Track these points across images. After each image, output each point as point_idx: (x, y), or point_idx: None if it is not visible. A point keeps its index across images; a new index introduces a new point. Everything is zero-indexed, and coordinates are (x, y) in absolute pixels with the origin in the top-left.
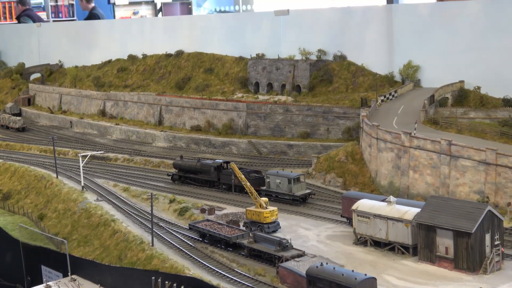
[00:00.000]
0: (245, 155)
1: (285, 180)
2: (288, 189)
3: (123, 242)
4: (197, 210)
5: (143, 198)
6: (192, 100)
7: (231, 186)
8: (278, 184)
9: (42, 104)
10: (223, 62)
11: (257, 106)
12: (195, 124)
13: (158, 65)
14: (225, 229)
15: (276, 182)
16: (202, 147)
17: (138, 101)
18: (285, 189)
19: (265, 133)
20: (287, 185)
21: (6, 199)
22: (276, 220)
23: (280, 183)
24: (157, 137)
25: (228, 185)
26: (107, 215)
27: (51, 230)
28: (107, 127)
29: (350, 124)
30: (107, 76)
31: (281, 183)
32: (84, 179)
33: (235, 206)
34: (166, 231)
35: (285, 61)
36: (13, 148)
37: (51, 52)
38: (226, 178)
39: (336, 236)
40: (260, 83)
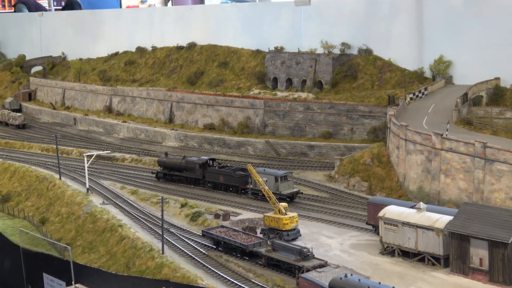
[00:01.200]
0: (262, 156)
1: (272, 178)
2: (275, 187)
3: (131, 249)
4: (210, 216)
5: (153, 201)
6: (205, 96)
7: (216, 184)
8: (265, 182)
9: (44, 100)
10: (238, 56)
11: (276, 103)
12: (208, 122)
13: (169, 58)
14: (241, 236)
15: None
16: (216, 147)
17: (147, 97)
18: (271, 187)
19: (284, 132)
20: (274, 183)
21: (5, 201)
22: (296, 227)
23: (267, 182)
24: (167, 136)
25: (213, 183)
26: (114, 220)
27: (54, 235)
28: (113, 124)
29: (376, 123)
30: (113, 69)
31: (268, 181)
32: (89, 180)
33: (252, 212)
34: (177, 238)
35: (305, 55)
36: (13, 146)
37: (54, 43)
38: (212, 175)
39: (361, 245)
40: (278, 79)
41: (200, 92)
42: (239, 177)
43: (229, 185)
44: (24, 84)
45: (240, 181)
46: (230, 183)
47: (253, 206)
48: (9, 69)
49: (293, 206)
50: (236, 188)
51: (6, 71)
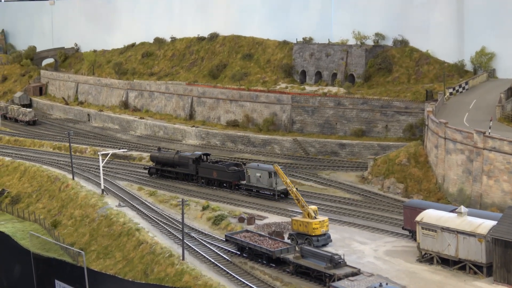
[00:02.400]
0: (290, 155)
1: (266, 173)
2: (268, 183)
3: (149, 254)
4: (234, 219)
5: (172, 204)
6: (228, 91)
7: (209, 180)
8: (258, 178)
9: (55, 94)
10: (264, 47)
11: (304, 98)
12: (231, 119)
13: (189, 50)
14: (267, 242)
15: (256, 175)
16: (240, 146)
17: (165, 92)
18: (265, 183)
19: (313, 130)
20: (268, 179)
21: (15, 203)
22: (326, 232)
23: (261, 177)
24: (187, 133)
25: (206, 179)
26: (131, 223)
27: (66, 239)
28: (130, 121)
29: (412, 120)
30: (130, 62)
31: (262, 177)
32: (104, 181)
33: (279, 215)
34: (198, 243)
35: (336, 47)
36: (23, 144)
37: (66, 34)
38: (205, 171)
39: (396, 252)
40: (307, 72)
41: (223, 87)
42: (232, 173)
43: (222, 180)
44: (35, 78)
45: (234, 177)
46: (223, 178)
47: (280, 209)
48: (19, 62)
49: (323, 210)
50: (229, 184)
51: (16, 63)
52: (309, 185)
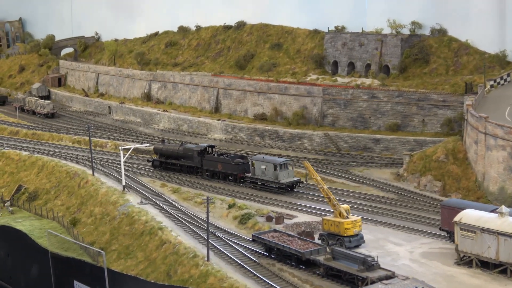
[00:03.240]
0: (320, 151)
1: (271, 166)
2: (273, 176)
3: (173, 255)
4: (262, 218)
5: (197, 201)
6: (255, 82)
7: (214, 173)
8: (263, 170)
9: (75, 85)
10: (294, 36)
11: (336, 91)
12: (259, 112)
13: (215, 39)
14: (297, 242)
15: (261, 168)
16: (268, 140)
17: (190, 83)
18: (270, 176)
19: (345, 124)
20: (273, 171)
21: (32, 199)
22: (359, 233)
23: (266, 170)
24: (213, 127)
25: (211, 171)
26: (153, 222)
27: (86, 238)
28: (153, 114)
29: (451, 114)
30: (153, 52)
31: (267, 170)
32: (125, 177)
33: (309, 214)
34: (224, 243)
35: (370, 36)
36: (41, 138)
37: (86, 22)
38: (210, 164)
39: (433, 254)
40: (339, 63)
41: (250, 78)
42: (237, 165)
43: (227, 173)
44: (53, 68)
45: (239, 169)
46: (228, 171)
47: (310, 208)
48: (37, 51)
49: (355, 209)
50: (234, 176)
51: (33, 53)
52: (340, 182)
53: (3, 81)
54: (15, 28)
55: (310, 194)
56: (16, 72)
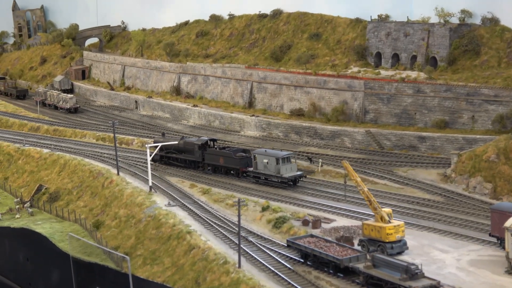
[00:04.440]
0: (362, 149)
1: (273, 159)
2: (276, 170)
3: (202, 261)
4: (297, 222)
5: (228, 203)
6: (292, 75)
7: (216, 167)
8: (266, 164)
9: (99, 78)
10: (333, 26)
11: (379, 84)
12: (296, 108)
13: (249, 28)
14: (335, 249)
15: (264, 162)
16: (305, 138)
17: (222, 76)
18: (272, 170)
19: (389, 120)
20: (275, 165)
21: (53, 200)
22: (402, 238)
23: (268, 163)
24: (246, 123)
25: (213, 166)
26: (181, 225)
27: (110, 242)
28: (182, 109)
29: (503, 110)
30: (183, 42)
31: (269, 163)
32: (152, 177)
33: (348, 218)
34: (257, 249)
35: (416, 25)
36: (63, 134)
37: (112, 10)
38: (212, 158)
39: (482, 262)
40: (382, 54)
41: (287, 71)
42: (239, 159)
43: (229, 167)
44: (77, 60)
45: (241, 163)
46: (230, 165)
47: (349, 212)
48: (59, 42)
49: (398, 212)
50: (236, 171)
51: (56, 43)
52: (383, 183)
53: (24, 74)
54: (37, 16)
55: (349, 196)
56: (38, 64)
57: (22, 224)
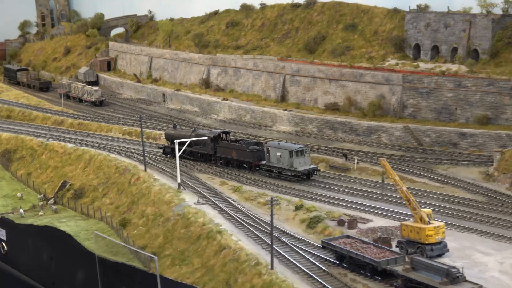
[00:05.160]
0: (400, 146)
1: (286, 152)
2: (289, 163)
3: (233, 262)
4: (332, 222)
5: (260, 202)
6: (327, 68)
7: (229, 160)
8: (279, 157)
9: (126, 70)
10: (370, 16)
11: (418, 78)
12: (330, 102)
13: (281, 19)
14: (372, 250)
15: (277, 155)
16: (340, 134)
17: (253, 69)
18: (286, 163)
19: (428, 116)
20: (288, 158)
21: (78, 197)
22: (442, 240)
23: (281, 157)
24: (278, 117)
25: (225, 159)
26: (211, 225)
27: (137, 241)
28: (211, 102)
29: None
30: (212, 33)
31: (282, 156)
32: (181, 173)
33: (386, 218)
34: (290, 249)
35: (457, 16)
36: (88, 128)
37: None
38: (224, 150)
39: None
40: (421, 46)
41: (321, 63)
42: (252, 152)
43: (242, 161)
44: (102, 51)
45: (254, 157)
46: (243, 158)
47: (387, 211)
48: (84, 32)
49: (438, 213)
50: (249, 164)
51: (80, 33)
52: (422, 182)
53: (47, 65)
54: (61, 5)
55: (387, 195)
56: (61, 54)
57: (45, 221)
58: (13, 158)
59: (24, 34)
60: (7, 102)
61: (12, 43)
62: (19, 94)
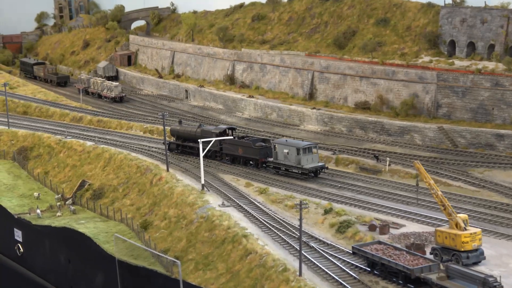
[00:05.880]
0: (433, 147)
1: (293, 150)
2: (296, 160)
3: (259, 267)
4: (363, 226)
5: (287, 205)
6: (357, 64)
7: (235, 157)
8: (286, 154)
9: (147, 64)
10: (403, 10)
11: (453, 76)
12: (361, 100)
13: (310, 12)
14: (405, 257)
15: (284, 152)
16: (371, 134)
17: (280, 65)
18: (293, 160)
19: (463, 116)
20: (295, 156)
21: (97, 198)
22: (479, 247)
23: (288, 154)
24: (306, 116)
25: (232, 156)
26: (237, 228)
27: (159, 244)
28: (236, 100)
29: None
30: (237, 27)
31: (289, 154)
32: (205, 174)
33: (419, 223)
34: (319, 255)
35: (495, 11)
36: (108, 126)
37: None
38: (230, 147)
39: None
40: (457, 42)
41: (351, 59)
42: (259, 149)
43: (248, 158)
44: (122, 44)
45: (260, 154)
46: (249, 155)
47: (420, 216)
48: (103, 24)
49: (475, 219)
50: (256, 161)
51: (100, 26)
52: (457, 186)
53: (65, 59)
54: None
55: (420, 199)
56: (80, 48)
57: (63, 223)
58: (30, 156)
59: (41, 26)
60: (23, 98)
61: (28, 36)
62: (36, 89)
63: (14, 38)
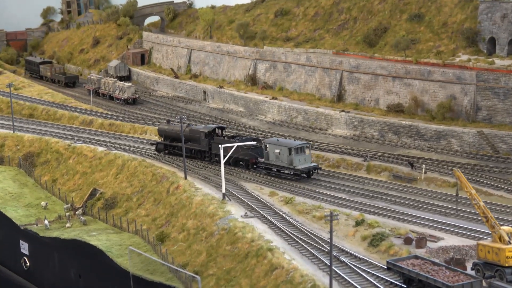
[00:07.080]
0: (472, 153)
1: (285, 150)
2: (288, 161)
3: (286, 284)
4: (398, 240)
5: (315, 215)
6: (389, 64)
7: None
8: (278, 154)
9: (161, 64)
10: (438, 6)
11: (493, 76)
12: (394, 102)
13: (337, 7)
14: (444, 273)
15: (275, 152)
16: (405, 139)
17: (306, 64)
18: (285, 161)
19: (505, 120)
20: (287, 156)
21: (109, 207)
22: None
23: (280, 154)
24: (334, 120)
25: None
26: (261, 241)
27: (177, 258)
28: (259, 102)
29: None
30: (259, 23)
31: (281, 154)
32: (226, 182)
33: (459, 236)
34: (350, 271)
35: None
36: (120, 130)
37: None
38: (219, 147)
39: None
40: (497, 40)
41: (383, 58)
42: (249, 149)
43: (238, 158)
44: (135, 42)
45: (251, 154)
46: (239, 156)
47: (460, 229)
48: (115, 20)
49: None
50: (246, 162)
51: (111, 22)
52: (499, 195)
53: (73, 57)
54: None
55: (460, 210)
56: (90, 46)
57: (73, 235)
58: (37, 163)
59: (47, 22)
60: (29, 99)
61: (34, 33)
62: (43, 90)
63: (18, 35)
